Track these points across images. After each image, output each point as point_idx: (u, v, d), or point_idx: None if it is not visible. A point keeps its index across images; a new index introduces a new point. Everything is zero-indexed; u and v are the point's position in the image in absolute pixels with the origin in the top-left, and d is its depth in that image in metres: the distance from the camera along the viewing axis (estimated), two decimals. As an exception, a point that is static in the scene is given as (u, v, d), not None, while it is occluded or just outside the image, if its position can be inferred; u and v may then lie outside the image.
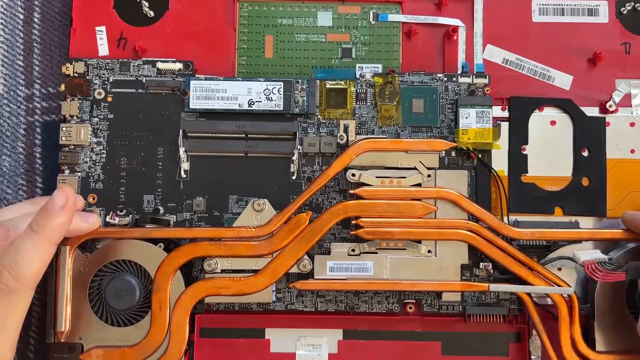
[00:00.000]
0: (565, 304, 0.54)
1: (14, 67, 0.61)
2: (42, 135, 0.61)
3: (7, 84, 0.60)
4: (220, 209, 0.57)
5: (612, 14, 0.60)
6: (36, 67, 0.62)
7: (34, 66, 0.62)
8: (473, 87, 0.58)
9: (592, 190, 0.58)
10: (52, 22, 0.62)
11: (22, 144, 0.61)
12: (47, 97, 0.61)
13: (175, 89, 0.58)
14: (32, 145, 0.61)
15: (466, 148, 0.57)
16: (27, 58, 0.62)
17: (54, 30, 0.62)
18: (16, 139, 0.61)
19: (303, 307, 0.56)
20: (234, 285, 0.55)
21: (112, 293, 0.55)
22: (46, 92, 0.61)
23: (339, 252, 0.56)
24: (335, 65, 0.60)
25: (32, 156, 0.61)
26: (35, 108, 0.61)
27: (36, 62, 0.62)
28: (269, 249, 0.55)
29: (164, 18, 0.60)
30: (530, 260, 0.55)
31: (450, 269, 0.55)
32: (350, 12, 0.61)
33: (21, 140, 0.61)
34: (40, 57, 0.62)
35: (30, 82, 0.61)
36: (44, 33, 0.62)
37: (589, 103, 0.59)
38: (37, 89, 0.61)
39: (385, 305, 0.56)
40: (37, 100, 0.61)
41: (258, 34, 0.60)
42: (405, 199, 0.55)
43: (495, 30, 0.60)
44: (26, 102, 0.61)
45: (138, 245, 0.56)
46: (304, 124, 0.58)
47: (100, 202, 0.57)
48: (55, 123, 0.61)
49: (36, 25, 0.62)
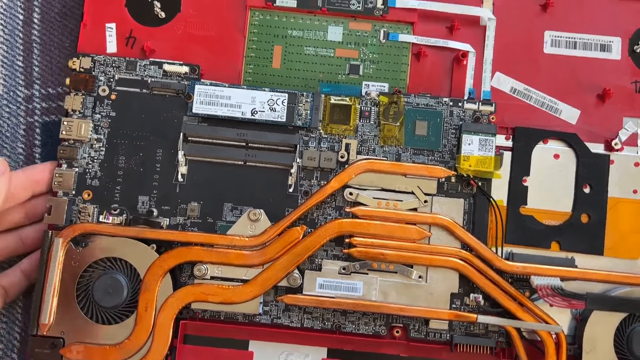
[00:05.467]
0: (552, 342, 0.53)
1: (14, 68, 0.61)
2: (41, 135, 0.61)
3: (6, 85, 0.60)
4: (214, 216, 0.57)
5: (625, 52, 0.60)
6: (36, 68, 0.62)
7: (34, 67, 0.62)
8: (478, 113, 0.57)
9: (591, 228, 0.57)
10: (51, 22, 0.62)
11: (21, 145, 0.61)
12: (46, 97, 0.61)
13: (180, 92, 0.58)
14: (32, 145, 0.61)
15: (466, 175, 0.56)
16: (26, 59, 0.62)
17: (53, 31, 0.62)
18: (16, 139, 0.61)
19: (289, 322, 0.56)
20: (222, 293, 0.54)
21: (100, 290, 0.55)
22: (46, 92, 0.61)
23: (329, 269, 0.55)
24: (342, 81, 0.60)
25: (32, 157, 0.62)
26: (35, 109, 0.61)
27: (36, 63, 0.62)
28: (260, 259, 0.55)
29: (175, 20, 0.60)
30: (521, 295, 0.54)
31: (440, 296, 0.55)
32: (361, 28, 0.60)
33: (21, 141, 0.61)
34: (39, 57, 0.62)
35: (30, 83, 0.62)
36: (44, 34, 0.62)
37: (594, 139, 0.58)
38: (37, 89, 0.61)
39: (372, 327, 0.56)
40: (36, 101, 0.61)
41: (267, 43, 0.60)
42: (400, 222, 0.55)
43: (505, 58, 0.60)
44: (26, 102, 0.61)
45: (130, 244, 0.55)
46: (305, 137, 0.58)
47: (95, 199, 0.57)
48: (55, 124, 0.61)
49: (36, 26, 0.62)
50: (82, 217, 0.57)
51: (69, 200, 0.57)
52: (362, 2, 0.60)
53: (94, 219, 0.57)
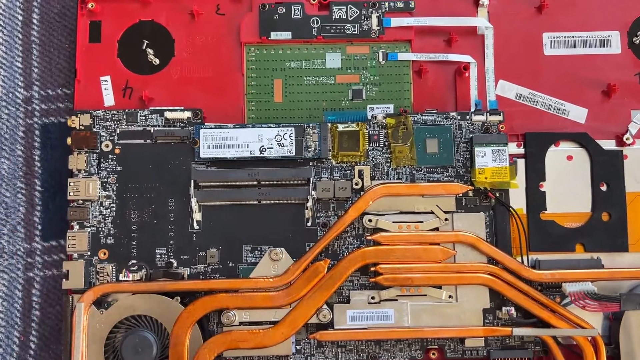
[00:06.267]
0: (590, 345, 0.53)
1: (13, 69, 0.60)
2: (41, 137, 0.60)
3: (5, 86, 0.59)
4: (235, 260, 0.56)
5: (625, 45, 0.60)
6: (35, 69, 0.60)
7: (33, 68, 0.60)
8: (487, 124, 0.57)
9: (613, 226, 0.57)
10: (51, 23, 0.61)
11: (20, 147, 0.60)
12: (46, 99, 0.60)
13: (185, 138, 0.57)
14: (31, 147, 0.60)
15: (483, 188, 0.56)
16: (26, 59, 0.61)
17: (53, 32, 0.61)
18: (15, 141, 0.60)
19: (324, 358, 0.55)
20: (252, 338, 0.54)
21: (129, 349, 0.53)
22: (45, 94, 0.60)
23: (358, 300, 0.55)
24: (346, 107, 0.59)
25: (31, 159, 0.60)
26: (34, 110, 0.60)
27: (35, 64, 0.60)
28: (287, 299, 0.54)
29: (170, 65, 0.59)
30: (552, 302, 0.54)
31: (472, 314, 0.54)
32: (359, 52, 0.60)
33: (20, 143, 0.60)
34: (39, 59, 0.61)
35: (29, 84, 0.60)
36: (43, 34, 0.61)
37: (605, 136, 0.58)
38: (36, 90, 0.60)
39: (408, 353, 0.55)
40: (36, 103, 0.60)
41: (266, 78, 0.59)
42: (424, 244, 0.55)
43: (506, 65, 0.60)
44: (25, 104, 0.60)
45: (154, 299, 0.54)
46: (317, 168, 0.57)
47: (112, 258, 0.56)
48: (54, 125, 0.60)
49: (35, 27, 0.60)
50: (100, 278, 0.56)
51: (85, 262, 0.56)
52: (357, 25, 0.59)
53: (113, 278, 0.56)
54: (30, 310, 0.59)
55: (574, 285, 0.53)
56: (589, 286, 0.53)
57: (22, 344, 0.59)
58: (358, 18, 0.59)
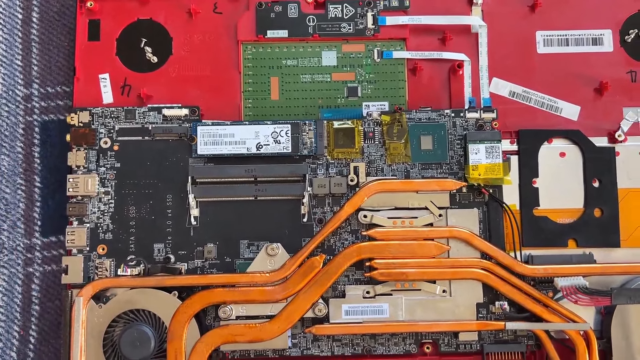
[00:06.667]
0: (582, 339, 0.54)
1: (13, 67, 0.61)
2: (40, 134, 0.61)
3: (5, 84, 0.59)
4: (232, 255, 0.57)
5: (617, 43, 0.60)
6: (35, 67, 0.61)
7: (33, 65, 0.61)
8: (481, 121, 0.58)
9: (605, 221, 0.57)
10: (51, 21, 0.61)
11: (20, 144, 0.61)
12: (45, 96, 0.60)
13: (182, 135, 0.58)
14: (31, 144, 0.61)
15: (477, 185, 0.56)
16: (25, 57, 0.61)
17: (52, 30, 0.61)
18: (15, 138, 0.61)
19: (319, 351, 0.56)
20: (249, 332, 0.54)
21: (127, 343, 0.54)
22: (45, 91, 0.60)
23: (353, 294, 0.55)
24: (342, 105, 0.60)
25: (31, 156, 0.61)
26: (34, 107, 0.60)
27: (35, 62, 0.61)
28: (283, 293, 0.55)
29: (168, 63, 0.60)
30: (545, 296, 0.55)
31: (466, 308, 0.55)
32: (354, 50, 0.60)
33: (20, 140, 0.61)
34: (39, 56, 0.61)
35: (29, 82, 0.61)
36: (43, 32, 0.61)
37: (597, 133, 0.59)
38: (36, 88, 0.61)
39: (403, 346, 0.56)
40: (35, 100, 0.60)
41: (263, 76, 0.60)
42: (418, 239, 0.55)
43: (500, 63, 0.60)
44: (25, 101, 0.61)
45: (152, 294, 0.55)
46: (312, 165, 0.58)
47: (110, 253, 0.57)
48: (54, 122, 0.61)
49: (35, 25, 0.61)
50: (99, 273, 0.56)
51: (84, 257, 0.56)
52: (353, 24, 0.60)
53: (112, 273, 0.56)
54: (29, 305, 0.60)
55: (566, 280, 0.54)
56: (581, 281, 0.54)
57: (21, 338, 0.59)
58: (353, 16, 0.60)
